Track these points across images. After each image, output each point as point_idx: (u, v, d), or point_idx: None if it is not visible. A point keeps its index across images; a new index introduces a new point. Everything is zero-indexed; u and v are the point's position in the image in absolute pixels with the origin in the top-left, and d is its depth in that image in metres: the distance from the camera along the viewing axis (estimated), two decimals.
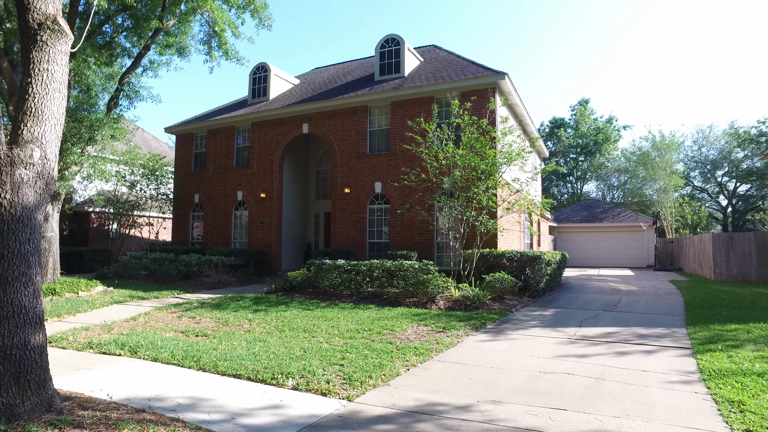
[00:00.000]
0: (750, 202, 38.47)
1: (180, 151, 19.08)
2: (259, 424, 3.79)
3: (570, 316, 9.41)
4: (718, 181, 39.99)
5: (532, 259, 11.59)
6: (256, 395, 4.52)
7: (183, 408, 4.12)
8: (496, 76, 13.40)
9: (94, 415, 3.70)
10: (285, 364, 5.48)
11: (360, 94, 15.40)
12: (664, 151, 31.85)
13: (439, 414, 4.07)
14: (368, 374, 5.15)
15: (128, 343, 6.52)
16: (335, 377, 5.06)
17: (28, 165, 3.79)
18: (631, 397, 4.56)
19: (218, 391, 4.64)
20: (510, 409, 4.20)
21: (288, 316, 9.02)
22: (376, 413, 4.09)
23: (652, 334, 7.61)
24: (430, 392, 4.70)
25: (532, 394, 4.66)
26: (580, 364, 5.79)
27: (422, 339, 7.20)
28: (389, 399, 4.47)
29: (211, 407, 4.16)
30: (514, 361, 5.96)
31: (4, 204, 3.60)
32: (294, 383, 4.86)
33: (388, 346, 6.69)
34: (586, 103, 45.53)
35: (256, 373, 5.16)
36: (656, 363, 5.82)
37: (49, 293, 10.90)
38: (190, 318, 9.00)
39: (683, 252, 23.98)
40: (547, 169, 11.91)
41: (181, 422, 3.73)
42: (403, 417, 3.99)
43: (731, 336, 7.09)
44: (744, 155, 38.17)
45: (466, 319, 8.78)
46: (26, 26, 4.11)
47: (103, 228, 22.79)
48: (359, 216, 15.18)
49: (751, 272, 16.73)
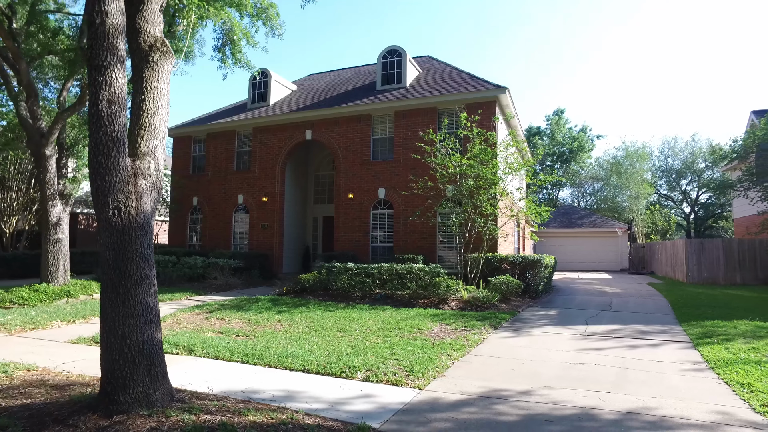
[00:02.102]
0: (710, 210, 41.14)
1: (177, 154, 19.08)
2: (360, 410, 4.30)
3: (573, 315, 10.24)
4: (682, 189, 42.57)
5: (533, 263, 12.42)
6: (336, 387, 5.01)
7: (279, 399, 4.58)
8: (497, 90, 14.24)
9: (213, 404, 4.13)
10: (345, 359, 5.97)
11: (364, 103, 15.95)
12: (635, 161, 33.76)
13: (507, 398, 4.69)
14: (425, 367, 5.72)
15: (180, 343, 6.85)
16: (398, 370, 5.61)
17: (146, 176, 4.18)
18: (657, 382, 5.31)
19: (299, 384, 5.10)
20: (563, 393, 4.86)
21: (313, 317, 9.46)
22: (453, 399, 4.67)
23: (651, 330, 8.48)
24: (486, 381, 5.32)
25: (572, 381, 5.34)
26: (601, 356, 6.54)
27: (451, 336, 7.81)
28: (455, 387, 5.06)
29: (306, 398, 4.63)
30: (542, 355, 6.65)
31: (131, 212, 3.99)
32: (363, 376, 5.38)
33: (425, 342, 7.27)
34: (561, 113, 47.55)
35: (323, 368, 5.64)
36: (665, 354, 6.64)
37: (64, 295, 10.92)
38: (218, 319, 9.30)
39: (655, 256, 25.59)
40: (549, 179, 12.80)
41: (290, 410, 4.19)
42: (479, 401, 4.59)
43: (722, 331, 8.03)
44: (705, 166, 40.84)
45: (482, 318, 9.45)
46: (138, 48, 4.49)
47: (90, 229, 22.38)
48: (362, 221, 15.69)
49: (719, 276, 18.22)
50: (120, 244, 3.87)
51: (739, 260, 18.12)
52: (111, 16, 3.85)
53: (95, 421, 3.57)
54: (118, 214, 3.88)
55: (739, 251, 18.16)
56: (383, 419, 4.08)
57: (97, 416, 3.62)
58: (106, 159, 3.86)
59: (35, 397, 4.35)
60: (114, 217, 3.87)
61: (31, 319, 8.83)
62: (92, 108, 3.83)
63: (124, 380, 3.72)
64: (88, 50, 3.90)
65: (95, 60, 3.81)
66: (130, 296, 3.84)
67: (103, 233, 3.89)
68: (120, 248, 3.87)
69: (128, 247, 3.89)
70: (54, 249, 11.63)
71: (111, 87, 3.87)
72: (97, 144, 3.83)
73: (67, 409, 3.90)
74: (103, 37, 3.83)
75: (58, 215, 11.74)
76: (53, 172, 11.52)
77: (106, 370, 3.78)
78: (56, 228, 11.66)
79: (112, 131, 3.88)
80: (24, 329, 8.15)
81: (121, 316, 3.79)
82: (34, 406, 4.06)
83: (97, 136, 3.82)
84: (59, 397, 4.32)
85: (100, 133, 3.82)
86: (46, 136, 11.25)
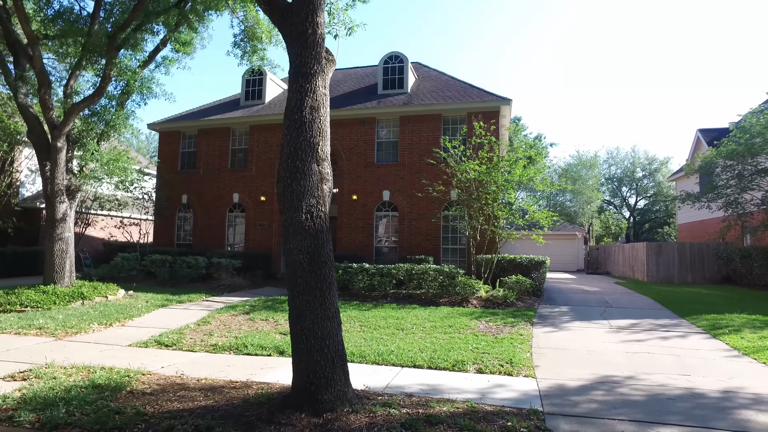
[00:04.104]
0: (646, 215, 45.50)
1: (165, 149, 18.24)
2: (507, 397, 4.77)
3: (584, 311, 11.26)
4: (622, 195, 46.70)
5: (538, 264, 13.42)
6: (461, 378, 5.44)
7: (425, 392, 4.91)
8: (501, 101, 15.17)
9: (391, 399, 4.39)
10: (442, 354, 6.38)
11: (369, 106, 16.26)
12: (588, 168, 36.60)
13: (618, 383, 5.36)
14: (519, 358, 6.28)
15: (265, 345, 6.88)
16: (496, 362, 6.12)
17: (326, 180, 4.38)
18: (713, 366, 6.23)
19: (427, 378, 5.46)
20: (655, 378, 5.61)
21: (355, 316, 9.70)
22: (574, 384, 5.26)
23: (664, 324, 9.61)
24: (577, 369, 5.96)
25: (647, 367, 6.12)
26: (647, 346, 7.43)
27: (501, 332, 8.43)
28: (562, 375, 5.66)
29: (449, 389, 5.01)
30: (596, 347, 7.40)
31: (321, 216, 4.17)
32: (475, 368, 5.84)
33: (486, 337, 7.84)
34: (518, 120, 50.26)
35: (430, 362, 6.02)
36: (696, 344, 7.67)
37: (77, 297, 10.30)
38: (262, 320, 9.28)
39: (611, 258, 28.03)
40: (555, 187, 13.86)
41: (449, 401, 4.54)
42: (598, 385, 5.22)
43: (724, 324, 9.29)
44: (642, 175, 45.12)
45: (512, 315, 10.18)
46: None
47: None
48: (366, 222, 16.00)
49: (674, 275, 20.46)
50: (314, 247, 4.05)
51: (690, 261, 20.46)
52: (319, 27, 4.03)
53: (307, 419, 3.74)
54: (310, 218, 4.06)
55: (691, 254, 20.51)
56: (535, 404, 4.57)
57: (305, 415, 3.79)
58: (302, 163, 4.03)
59: (198, 400, 4.38)
60: (307, 222, 4.04)
61: (63, 323, 8.34)
62: (295, 114, 3.98)
63: (326, 380, 3.91)
64: (296, 58, 4.03)
65: (303, 68, 3.97)
66: (325, 298, 4.03)
67: (294, 237, 4.04)
68: (314, 252, 4.04)
69: (321, 250, 4.08)
70: (60, 248, 10.89)
71: (314, 94, 4.04)
72: (296, 149, 3.98)
73: (257, 410, 4.00)
74: (312, 46, 3.99)
75: (65, 212, 11.01)
76: (63, 166, 10.78)
77: (307, 370, 3.92)
78: (62, 225, 10.93)
79: (310, 137, 4.06)
80: (67, 334, 7.73)
81: (319, 318, 3.97)
82: (213, 408, 4.11)
83: (297, 141, 3.98)
84: (227, 399, 4.39)
85: (300, 139, 3.99)
86: (58, 127, 10.51)
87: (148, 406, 4.15)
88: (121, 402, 4.29)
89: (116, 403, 4.26)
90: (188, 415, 3.95)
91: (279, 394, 4.40)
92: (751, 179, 14.50)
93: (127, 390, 4.62)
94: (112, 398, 4.37)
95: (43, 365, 5.65)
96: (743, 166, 14.68)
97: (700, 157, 16.01)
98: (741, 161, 14.56)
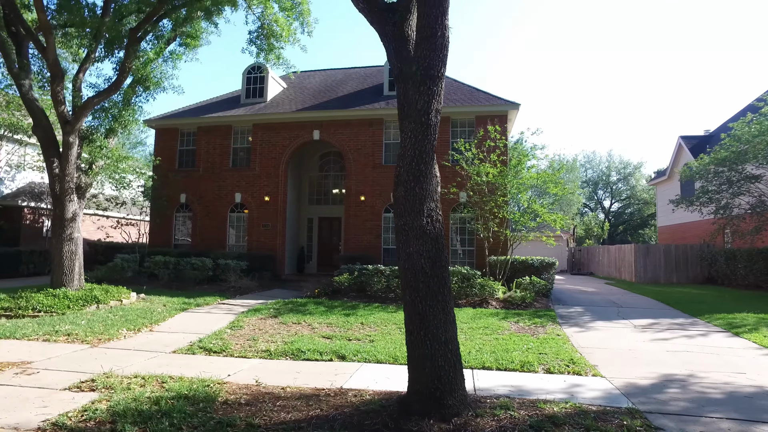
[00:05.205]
0: (620, 218, 47.29)
1: (161, 147, 17.56)
2: (591, 396, 4.87)
3: (599, 312, 11.59)
4: (597, 198, 48.36)
5: (548, 266, 13.74)
6: (537, 379, 5.52)
7: (515, 393, 4.94)
8: (510, 105, 15.43)
9: (500, 402, 4.40)
10: (505, 356, 6.44)
11: (377, 107, 16.20)
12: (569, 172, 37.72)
13: (685, 381, 5.55)
14: (575, 358, 6.42)
15: (321, 349, 6.74)
16: (558, 362, 6.23)
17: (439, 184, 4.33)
18: (752, 363, 6.54)
19: (505, 379, 5.50)
20: (717, 376, 5.83)
21: (388, 319, 9.67)
22: (646, 383, 5.42)
23: (681, 323, 10.00)
24: (637, 367, 6.13)
25: (697, 365, 6.35)
26: (681, 345, 7.72)
27: (537, 333, 8.58)
28: (625, 373, 5.81)
29: (533, 390, 5.06)
30: (633, 345, 7.62)
31: (439, 219, 4.14)
32: (544, 368, 5.93)
33: (529, 337, 7.99)
34: None
35: (498, 364, 6.08)
36: (724, 342, 8.03)
37: (92, 301, 9.80)
38: (295, 323, 9.10)
39: (594, 259, 28.97)
40: (567, 191, 14.20)
41: (552, 402, 4.59)
42: (669, 384, 5.39)
43: (738, 323, 9.76)
44: (617, 179, 46.86)
45: (536, 315, 10.37)
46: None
47: (36, 225, 19.58)
48: (374, 223, 15.93)
49: (660, 276, 21.36)
50: (435, 252, 4.02)
51: (675, 262, 21.43)
52: (447, 30, 4.00)
53: (437, 425, 3.71)
54: (431, 222, 4.03)
55: (676, 255, 21.48)
56: (624, 402, 4.68)
57: (433, 421, 3.75)
58: (426, 167, 3.99)
59: (301, 409, 4.25)
60: (428, 225, 4.00)
61: (89, 329, 7.94)
62: (422, 116, 3.94)
63: (451, 384, 3.88)
64: (423, 60, 3.98)
65: (431, 70, 3.93)
66: (447, 303, 4.00)
67: (416, 241, 4.00)
68: (435, 256, 4.01)
69: (441, 254, 4.05)
70: (69, 249, 10.34)
71: (439, 97, 4.01)
72: (421, 152, 3.94)
73: (376, 418, 3.93)
74: (440, 48, 3.96)
75: (74, 211, 10.46)
76: (74, 164, 10.23)
77: (432, 375, 3.88)
78: (72, 225, 10.38)
79: (433, 140, 4.03)
80: (100, 340, 7.36)
81: (442, 323, 3.94)
82: (326, 418, 4.01)
83: (422, 144, 3.94)
84: (333, 408, 4.28)
85: (425, 141, 3.95)
86: (71, 122, 9.96)
87: (255, 418, 4.00)
88: (221, 414, 4.12)
89: (217, 414, 4.09)
90: (306, 425, 3.84)
91: (386, 400, 4.34)
92: (740, 185, 15.31)
93: (220, 400, 4.44)
94: (210, 409, 4.19)
95: (101, 374, 5.36)
96: (732, 173, 15.48)
97: (693, 164, 16.78)
98: (731, 167, 15.35)
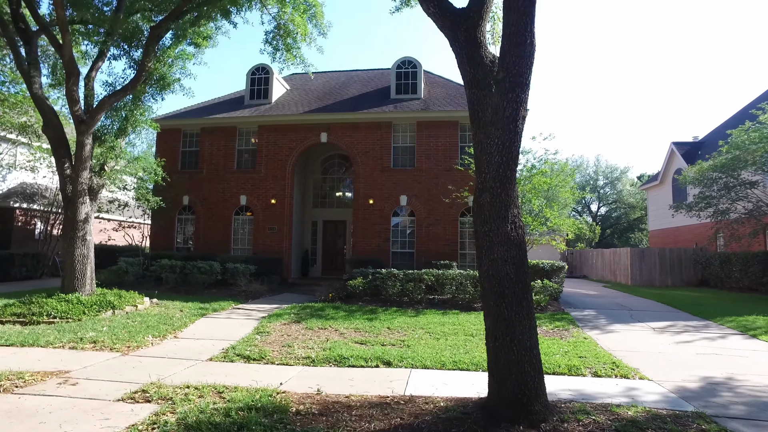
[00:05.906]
0: (607, 222, 48.25)
1: (163, 148, 17.18)
2: (652, 400, 4.94)
3: (612, 315, 11.76)
4: (585, 202, 49.24)
5: (558, 269, 13.90)
6: (588, 383, 5.57)
7: (576, 398, 4.97)
8: None
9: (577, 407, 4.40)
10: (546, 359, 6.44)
11: (385, 110, 16.18)
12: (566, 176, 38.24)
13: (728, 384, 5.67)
14: (616, 361, 6.50)
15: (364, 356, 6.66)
16: (602, 366, 6.29)
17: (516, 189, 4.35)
18: None
19: (559, 384, 5.51)
20: (759, 379, 5.98)
21: (410, 323, 9.64)
22: (695, 386, 5.52)
23: (696, 326, 10.22)
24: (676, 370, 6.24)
25: (732, 367, 6.50)
26: (706, 347, 7.87)
27: (564, 336, 8.66)
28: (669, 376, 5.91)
29: (594, 394, 5.10)
30: (658, 348, 7.75)
31: (522, 226, 4.15)
32: (591, 372, 5.99)
33: (560, 341, 8.08)
34: None
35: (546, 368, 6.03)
36: (746, 344, 8.23)
37: (107, 307, 9.51)
38: (321, 329, 8.99)
39: (588, 262, 29.48)
40: (579, 196, 14.39)
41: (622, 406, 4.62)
42: (716, 387, 5.50)
43: (750, 325, 10.02)
44: (604, 183, 47.86)
45: (554, 319, 10.47)
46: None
47: (27, 227, 18.92)
48: (383, 226, 15.88)
49: (656, 279, 21.85)
50: (519, 258, 4.02)
51: (669, 266, 21.94)
52: (535, 37, 4.01)
53: (527, 431, 3.69)
54: (514, 228, 4.03)
55: (670, 258, 22.00)
56: (688, 406, 4.75)
57: (523, 427, 3.74)
58: (511, 173, 4.00)
59: (378, 419, 4.18)
60: (512, 232, 4.00)
61: (113, 335, 7.70)
62: (510, 123, 3.95)
63: (536, 390, 3.88)
64: (512, 67, 3.97)
65: (521, 77, 3.94)
66: (531, 309, 4.01)
67: (500, 247, 3.99)
68: (519, 262, 4.01)
69: (524, 260, 4.05)
70: (81, 252, 10.01)
71: (525, 104, 4.01)
72: (507, 158, 3.95)
73: (461, 426, 3.89)
74: (529, 56, 3.97)
75: (87, 213, 10.13)
76: (88, 164, 9.91)
77: (518, 381, 3.87)
78: (85, 227, 10.06)
79: (518, 147, 4.04)
80: (129, 348, 7.14)
81: (527, 328, 3.94)
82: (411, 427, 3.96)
83: (509, 150, 3.94)
84: (412, 416, 4.23)
85: (512, 148, 3.96)
86: (86, 122, 9.65)
87: (339, 429, 3.92)
88: (300, 425, 4.02)
89: (296, 426, 3.99)
90: None
91: (462, 407, 4.30)
92: (738, 190, 15.79)
93: (292, 411, 4.34)
94: (287, 421, 4.09)
95: (150, 384, 5.19)
96: (730, 179, 15.96)
97: (693, 170, 17.24)
98: (729, 174, 15.82)
